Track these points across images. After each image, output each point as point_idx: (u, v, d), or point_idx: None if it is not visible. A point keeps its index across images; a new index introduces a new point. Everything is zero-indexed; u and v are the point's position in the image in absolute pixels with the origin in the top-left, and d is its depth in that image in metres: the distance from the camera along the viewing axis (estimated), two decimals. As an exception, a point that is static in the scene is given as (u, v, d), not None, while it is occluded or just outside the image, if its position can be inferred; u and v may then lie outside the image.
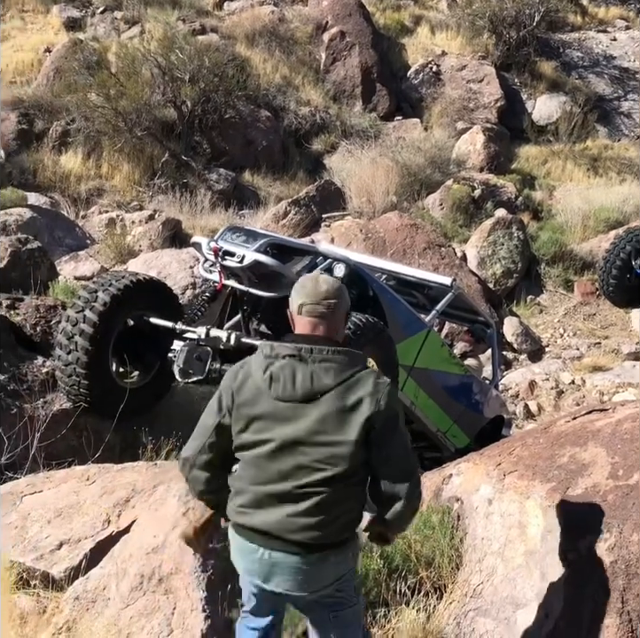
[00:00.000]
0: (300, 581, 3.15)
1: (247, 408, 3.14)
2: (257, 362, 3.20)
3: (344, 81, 18.69)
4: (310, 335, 3.16)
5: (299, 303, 3.17)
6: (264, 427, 3.10)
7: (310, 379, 3.06)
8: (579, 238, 14.75)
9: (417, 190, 15.36)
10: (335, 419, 3.03)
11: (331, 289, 3.19)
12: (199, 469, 3.32)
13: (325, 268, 6.86)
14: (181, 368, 6.51)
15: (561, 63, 20.87)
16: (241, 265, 6.50)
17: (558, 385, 11.29)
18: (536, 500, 4.10)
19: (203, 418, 3.29)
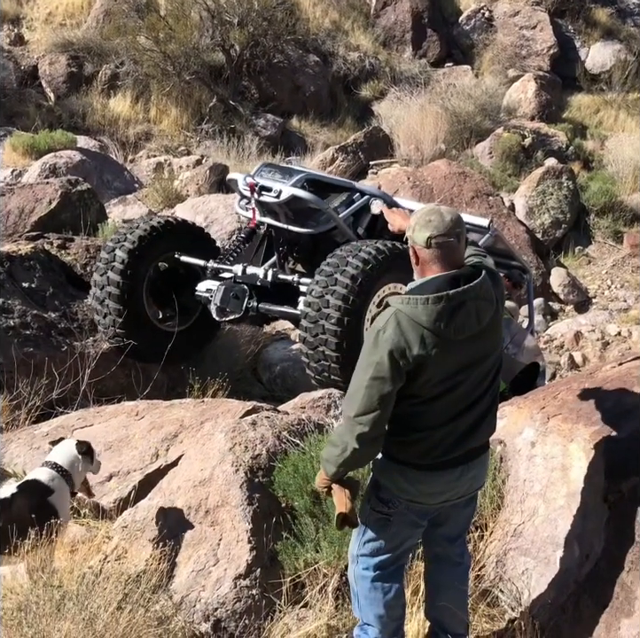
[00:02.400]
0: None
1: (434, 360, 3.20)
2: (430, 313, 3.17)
3: (394, 26, 18.40)
4: (460, 273, 3.23)
5: (426, 236, 3.20)
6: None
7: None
8: (630, 189, 14.49)
9: (467, 138, 15.19)
10: None
11: (455, 218, 3.23)
12: (378, 442, 3.33)
13: (363, 204, 6.80)
14: (218, 306, 6.50)
15: (616, 10, 20.28)
16: (278, 200, 6.43)
17: (603, 336, 11.21)
18: (580, 442, 4.12)
19: (373, 385, 3.21)
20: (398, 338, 3.14)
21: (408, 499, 3.41)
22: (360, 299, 5.79)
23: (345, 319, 5.69)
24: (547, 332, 11.42)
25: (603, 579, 3.74)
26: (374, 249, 5.95)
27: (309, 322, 5.80)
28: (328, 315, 5.71)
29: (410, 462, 3.36)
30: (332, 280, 5.76)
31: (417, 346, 3.13)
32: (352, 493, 3.41)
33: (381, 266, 5.91)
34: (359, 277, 5.75)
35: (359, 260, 5.82)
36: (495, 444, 4.66)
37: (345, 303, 5.69)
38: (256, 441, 4.70)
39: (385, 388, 3.16)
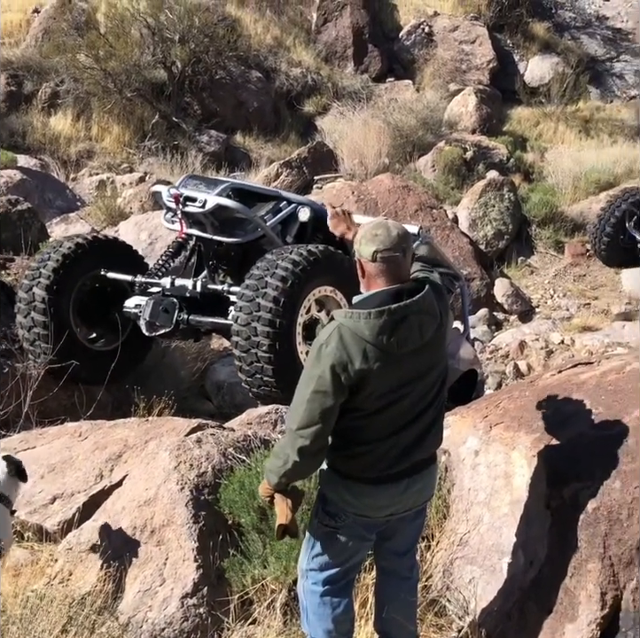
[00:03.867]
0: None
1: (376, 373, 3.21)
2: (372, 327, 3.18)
3: (335, 41, 18.55)
4: (403, 287, 3.25)
5: (372, 250, 3.21)
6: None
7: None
8: (569, 200, 14.77)
9: (409, 152, 15.34)
10: None
11: (402, 233, 3.26)
12: (320, 455, 3.34)
13: (290, 212, 6.78)
14: (147, 321, 6.41)
15: (553, 24, 20.72)
16: (203, 210, 6.37)
17: (547, 345, 11.35)
18: (522, 450, 4.17)
19: (315, 399, 3.20)
20: (340, 353, 3.15)
21: (354, 512, 3.41)
22: (291, 300, 5.76)
23: (277, 321, 5.67)
24: (492, 342, 11.54)
25: (547, 585, 3.78)
26: (305, 251, 5.92)
27: (241, 325, 5.75)
28: (259, 317, 5.67)
29: (355, 476, 3.37)
30: (263, 283, 5.72)
31: (360, 359, 3.14)
32: (294, 503, 3.41)
33: (312, 268, 5.88)
34: (289, 279, 5.72)
35: (289, 262, 5.79)
36: (440, 454, 4.68)
37: (276, 305, 5.67)
38: (201, 459, 4.67)
39: (327, 402, 3.17)
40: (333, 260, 6.10)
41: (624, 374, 4.31)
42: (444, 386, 3.46)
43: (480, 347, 11.32)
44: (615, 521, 3.59)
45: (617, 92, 20.23)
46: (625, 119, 19.09)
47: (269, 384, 5.80)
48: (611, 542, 3.58)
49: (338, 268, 6.10)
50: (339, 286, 6.10)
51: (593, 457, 3.84)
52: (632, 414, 3.92)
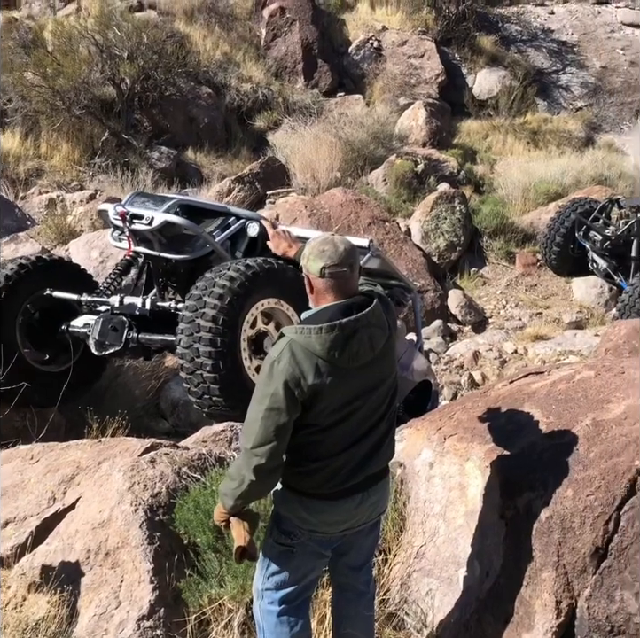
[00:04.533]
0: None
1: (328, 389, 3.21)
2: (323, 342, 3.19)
3: (285, 57, 18.62)
4: (352, 302, 3.27)
5: (320, 266, 3.23)
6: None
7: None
8: (519, 211, 14.96)
9: (361, 166, 15.41)
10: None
11: (349, 248, 3.28)
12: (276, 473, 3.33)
13: (239, 227, 6.76)
14: (96, 340, 6.34)
15: (500, 37, 21.04)
16: (150, 227, 6.32)
17: (501, 354, 11.46)
18: (475, 461, 4.19)
19: (269, 416, 3.19)
20: (293, 369, 3.14)
21: (309, 529, 3.40)
22: (231, 317, 5.73)
23: (217, 339, 5.63)
24: (447, 353, 11.61)
25: (503, 594, 3.80)
26: (243, 266, 5.89)
27: (183, 347, 5.72)
28: (200, 338, 5.63)
29: (310, 492, 3.36)
30: (201, 303, 5.69)
31: (312, 375, 3.15)
32: (251, 525, 3.39)
33: (252, 282, 5.85)
34: (227, 296, 5.69)
35: (226, 279, 5.76)
36: (396, 467, 4.70)
37: (215, 324, 5.63)
38: (155, 479, 4.63)
39: (281, 419, 3.16)
40: (275, 271, 6.07)
41: (574, 383, 4.36)
42: (394, 399, 3.48)
43: (434, 358, 11.39)
44: (568, 529, 3.62)
45: (564, 104, 20.57)
46: (572, 130, 19.42)
47: (218, 403, 5.76)
48: (564, 551, 3.61)
49: (281, 280, 6.09)
50: (285, 297, 6.09)
51: (545, 466, 3.88)
52: (582, 422, 3.97)
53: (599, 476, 3.67)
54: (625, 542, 3.53)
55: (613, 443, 3.76)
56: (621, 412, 3.91)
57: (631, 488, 3.60)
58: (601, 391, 4.16)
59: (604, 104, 20.66)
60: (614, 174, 16.34)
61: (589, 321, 12.63)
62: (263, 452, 3.18)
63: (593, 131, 19.88)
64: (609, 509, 3.57)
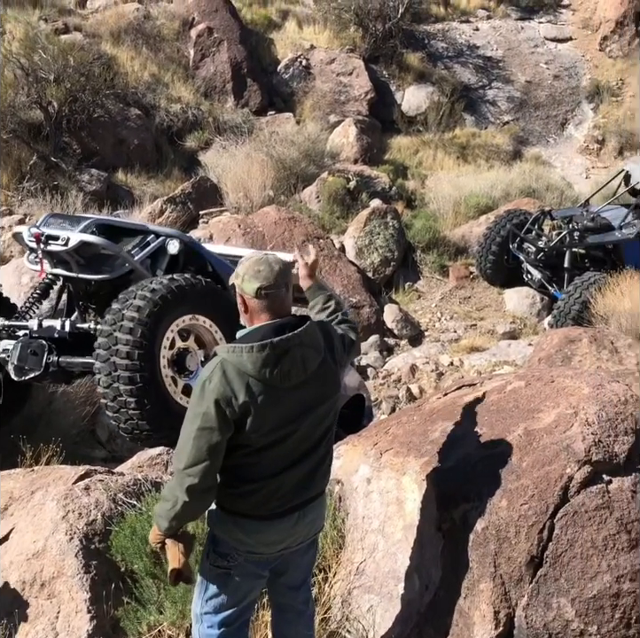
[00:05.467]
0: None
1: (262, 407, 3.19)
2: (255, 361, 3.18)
3: (214, 77, 18.61)
4: (285, 321, 3.27)
5: (256, 286, 3.23)
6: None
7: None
8: (451, 225, 15.14)
9: (294, 184, 15.44)
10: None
11: (283, 268, 3.29)
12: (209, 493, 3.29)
13: (159, 245, 6.68)
14: (15, 365, 6.19)
15: (427, 54, 21.33)
16: (67, 248, 6.22)
17: (437, 367, 11.56)
18: (412, 475, 4.21)
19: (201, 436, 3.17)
20: (224, 388, 3.13)
21: (246, 550, 3.37)
22: (150, 330, 5.65)
23: (135, 352, 5.56)
24: (384, 367, 11.67)
25: (442, 607, 3.81)
26: (166, 280, 5.85)
27: (101, 361, 5.63)
28: (117, 350, 5.55)
29: (245, 513, 3.33)
30: (119, 316, 5.61)
31: (243, 394, 3.14)
32: (186, 547, 3.35)
33: (174, 296, 5.80)
34: (146, 308, 5.62)
35: (147, 291, 5.70)
36: (334, 484, 4.70)
37: (133, 336, 5.55)
38: (90, 507, 4.57)
39: (213, 438, 3.14)
40: (198, 288, 6.02)
41: (505, 393, 4.42)
42: (334, 423, 3.48)
43: (372, 373, 11.45)
44: (504, 539, 3.66)
45: (491, 118, 20.92)
46: (500, 144, 19.76)
47: (149, 436, 5.68)
48: (501, 561, 3.64)
49: (204, 296, 6.04)
50: (200, 311, 6.03)
51: (480, 477, 3.91)
52: (514, 432, 4.02)
53: (532, 485, 3.71)
54: (559, 550, 3.57)
55: (545, 452, 3.81)
56: (552, 421, 3.97)
57: (564, 496, 3.66)
58: (532, 400, 4.22)
59: (531, 117, 21.07)
60: (542, 186, 16.68)
61: (523, 331, 12.81)
62: (196, 472, 3.16)
63: (520, 144, 20.25)
64: (543, 518, 3.62)
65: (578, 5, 23.43)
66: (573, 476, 3.68)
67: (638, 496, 3.64)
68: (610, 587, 3.49)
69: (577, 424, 3.87)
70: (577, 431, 3.83)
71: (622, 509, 3.61)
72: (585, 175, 19.58)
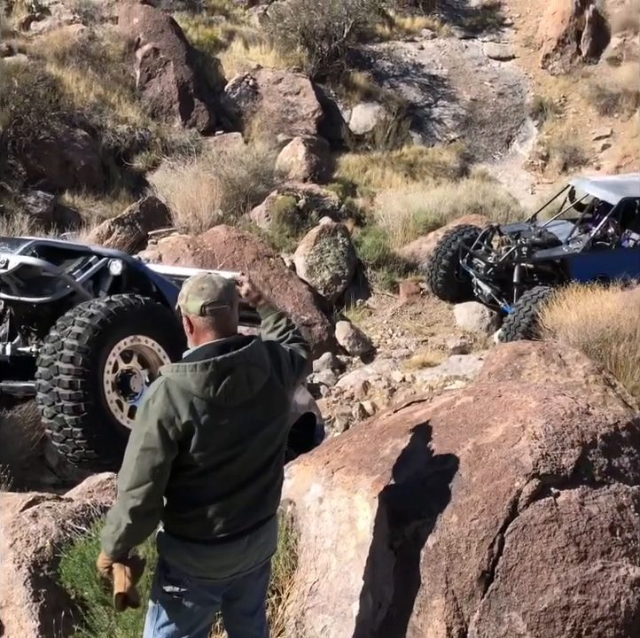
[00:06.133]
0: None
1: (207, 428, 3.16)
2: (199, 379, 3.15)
3: (161, 97, 18.58)
4: (230, 340, 3.25)
5: (200, 304, 3.21)
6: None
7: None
8: (400, 241, 15.26)
9: (243, 203, 15.45)
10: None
11: (227, 285, 3.28)
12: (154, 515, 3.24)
13: (101, 266, 6.57)
14: None
15: (373, 73, 21.54)
16: (6, 270, 6.08)
17: (390, 383, 11.60)
18: (363, 493, 4.20)
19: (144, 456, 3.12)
20: (167, 407, 3.11)
21: (198, 576, 3.33)
22: (91, 356, 5.55)
23: (78, 381, 5.45)
24: (337, 385, 11.68)
25: (396, 625, 3.80)
26: (104, 303, 5.75)
27: (43, 392, 5.51)
28: (60, 380, 5.44)
29: (195, 538, 3.29)
30: (59, 344, 5.51)
31: (187, 413, 3.11)
32: (133, 571, 3.30)
33: (113, 319, 5.70)
34: (86, 335, 5.52)
35: (86, 317, 5.60)
36: (286, 504, 4.67)
37: (74, 364, 5.45)
38: (38, 534, 4.49)
39: (156, 459, 3.10)
40: (138, 308, 5.95)
41: (454, 409, 4.44)
42: (283, 444, 3.45)
43: (325, 391, 11.45)
44: (455, 555, 3.66)
45: (438, 136, 21.18)
46: (447, 161, 20.00)
47: (81, 446, 5.57)
48: (452, 576, 3.64)
49: (145, 316, 5.97)
50: (141, 331, 5.95)
51: (430, 494, 3.92)
52: (464, 447, 4.03)
53: (482, 500, 3.73)
54: (510, 564, 3.59)
55: (494, 466, 3.83)
56: (500, 435, 4.00)
57: (513, 510, 3.67)
58: (480, 415, 4.24)
59: (476, 135, 21.37)
60: (489, 202, 16.89)
61: (473, 345, 12.93)
62: (139, 493, 3.12)
63: (467, 161, 20.52)
64: (493, 532, 3.63)
65: (520, 24, 23.85)
66: (522, 490, 3.70)
67: (586, 508, 3.68)
68: (560, 600, 3.51)
69: (525, 437, 3.90)
70: (525, 445, 3.85)
71: (571, 522, 3.64)
72: (530, 190, 19.89)
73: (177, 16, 20.70)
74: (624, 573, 3.59)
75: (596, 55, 22.48)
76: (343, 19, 20.86)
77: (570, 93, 21.98)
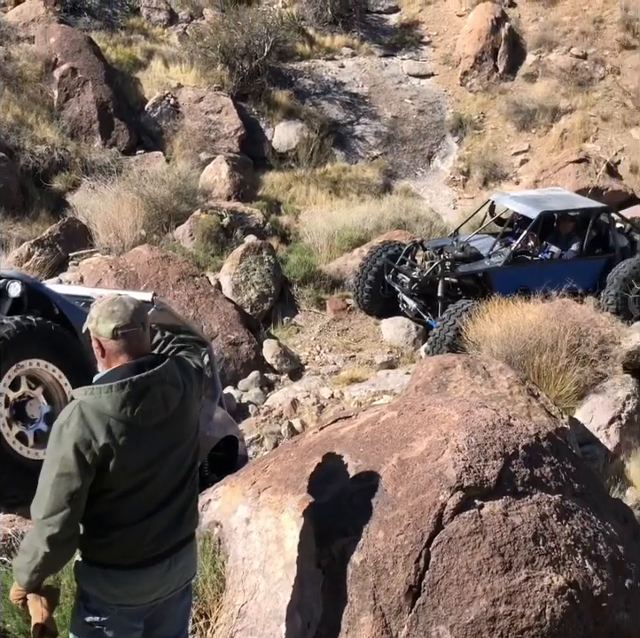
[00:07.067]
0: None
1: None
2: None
3: (80, 117, 18.31)
4: (144, 360, 3.21)
5: (112, 327, 3.15)
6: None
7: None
8: (326, 258, 15.28)
9: (166, 223, 15.30)
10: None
11: (138, 306, 3.24)
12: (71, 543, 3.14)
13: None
14: None
15: (294, 91, 21.61)
16: None
17: (318, 400, 11.60)
18: (290, 512, 4.18)
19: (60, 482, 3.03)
20: (83, 431, 3.04)
21: (118, 603, 3.25)
22: None
23: None
24: (266, 403, 11.62)
25: (325, 644, 3.78)
26: None
27: None
28: None
29: (114, 564, 3.22)
30: None
31: (104, 436, 3.05)
32: (49, 601, 3.20)
33: (5, 342, 5.50)
34: None
35: None
36: (212, 526, 4.62)
37: None
38: (-44, 567, 4.34)
39: (73, 484, 3.03)
40: (34, 331, 5.75)
41: (379, 424, 4.45)
42: (196, 463, 3.42)
43: (254, 410, 11.39)
44: (382, 571, 3.66)
45: (360, 153, 21.34)
46: (370, 178, 20.16)
47: None
48: (380, 593, 3.64)
49: (41, 339, 5.82)
50: (47, 357, 5.80)
51: (356, 510, 3.91)
52: (389, 463, 4.04)
53: (408, 514, 3.74)
54: (436, 577, 3.60)
55: (418, 480, 3.85)
56: (424, 449, 4.02)
57: (438, 523, 3.69)
58: (404, 430, 4.26)
59: (398, 151, 21.61)
60: (412, 217, 17.06)
61: (400, 360, 13.01)
62: (56, 521, 3.03)
63: (390, 178, 20.72)
64: (419, 547, 3.64)
65: (438, 42, 24.25)
66: (446, 503, 3.72)
67: (509, 519, 3.72)
68: (486, 611, 3.53)
69: (448, 450, 3.93)
70: (448, 458, 3.88)
71: (495, 533, 3.67)
72: (452, 205, 20.18)
73: (95, 35, 20.46)
74: (548, 582, 3.63)
75: (512, 72, 22.96)
76: (263, 37, 20.90)
77: (488, 109, 22.40)
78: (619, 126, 20.98)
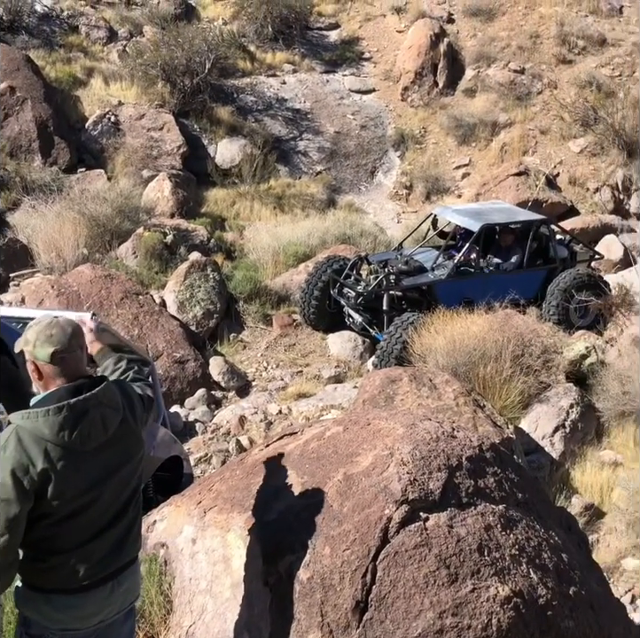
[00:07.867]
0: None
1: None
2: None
3: (19, 136, 18.09)
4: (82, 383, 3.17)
5: (50, 351, 3.11)
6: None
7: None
8: (272, 274, 15.28)
9: (109, 241, 15.15)
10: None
11: (76, 329, 3.20)
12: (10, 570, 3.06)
13: None
14: None
15: (237, 107, 21.61)
16: None
17: (266, 416, 11.56)
18: (236, 531, 4.15)
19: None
20: (20, 456, 2.99)
21: (60, 628, 3.20)
22: None
23: None
24: (213, 421, 11.55)
25: (274, 664, 3.75)
26: None
27: None
28: None
29: (56, 588, 3.17)
30: None
31: (42, 460, 3.01)
32: None
33: None
34: None
35: None
36: (158, 548, 4.57)
37: None
38: None
39: (11, 511, 2.97)
40: None
41: (325, 440, 4.44)
42: (140, 486, 3.39)
43: (201, 428, 11.30)
44: (329, 587, 3.65)
45: (304, 169, 21.40)
46: (314, 193, 20.23)
47: None
48: (327, 609, 3.63)
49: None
50: None
51: (303, 527, 3.90)
52: (334, 478, 4.04)
53: (354, 529, 3.73)
54: (383, 592, 3.60)
55: (364, 495, 3.85)
56: (369, 463, 4.02)
57: (384, 537, 3.69)
58: (350, 445, 4.27)
59: (342, 166, 21.72)
60: (356, 232, 17.14)
61: (348, 374, 13.03)
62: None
63: (334, 193, 20.80)
64: (365, 561, 3.64)
65: (379, 58, 24.46)
66: (392, 516, 3.73)
67: (454, 530, 3.74)
68: (434, 624, 3.54)
69: (393, 464, 3.94)
70: (393, 472, 3.89)
71: (440, 545, 3.69)
72: (396, 219, 20.34)
73: (34, 53, 20.26)
74: (494, 593, 3.65)
75: (452, 87, 23.26)
76: (204, 54, 20.89)
77: (429, 124, 22.66)
78: (557, 139, 21.37)
